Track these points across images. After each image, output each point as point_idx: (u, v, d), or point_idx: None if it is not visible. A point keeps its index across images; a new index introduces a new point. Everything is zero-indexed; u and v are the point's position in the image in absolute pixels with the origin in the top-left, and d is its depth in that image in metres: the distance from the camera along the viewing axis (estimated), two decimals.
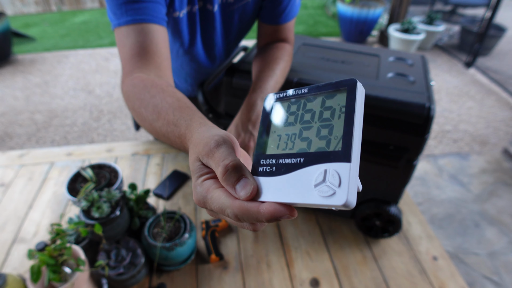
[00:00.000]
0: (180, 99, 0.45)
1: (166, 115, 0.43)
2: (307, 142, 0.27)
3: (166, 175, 1.09)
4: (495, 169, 2.34)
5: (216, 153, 0.29)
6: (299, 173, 0.26)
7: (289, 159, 0.27)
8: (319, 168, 0.24)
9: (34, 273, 0.62)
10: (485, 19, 3.44)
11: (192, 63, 0.89)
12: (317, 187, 0.24)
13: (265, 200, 0.26)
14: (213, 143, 0.30)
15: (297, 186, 0.25)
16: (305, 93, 0.29)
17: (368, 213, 0.87)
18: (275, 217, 0.25)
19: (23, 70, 3.47)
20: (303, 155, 0.26)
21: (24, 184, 1.06)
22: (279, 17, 0.78)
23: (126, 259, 0.73)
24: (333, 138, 0.26)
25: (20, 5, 5.02)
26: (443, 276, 0.83)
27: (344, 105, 0.26)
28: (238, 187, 0.27)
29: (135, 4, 0.58)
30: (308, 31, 4.51)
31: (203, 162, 0.31)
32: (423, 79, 0.81)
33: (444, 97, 3.15)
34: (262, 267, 0.84)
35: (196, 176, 0.31)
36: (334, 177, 0.23)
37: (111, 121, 2.76)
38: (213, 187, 0.29)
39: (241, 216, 0.26)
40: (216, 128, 0.34)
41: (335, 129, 0.26)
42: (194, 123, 0.37)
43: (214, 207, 0.28)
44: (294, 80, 0.76)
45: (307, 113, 0.29)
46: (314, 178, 0.24)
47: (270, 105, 0.32)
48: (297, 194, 0.25)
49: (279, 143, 0.29)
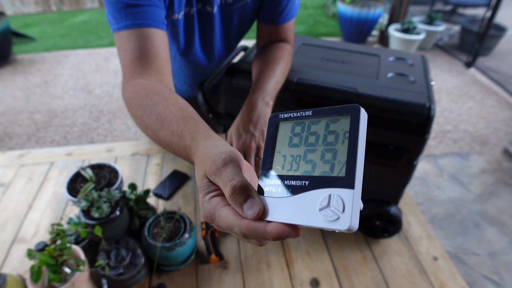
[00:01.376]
0: (184, 108, 0.45)
1: (170, 125, 0.43)
2: (311, 164, 0.28)
3: (166, 175, 1.09)
4: (495, 169, 2.34)
5: (224, 172, 0.30)
6: (304, 196, 0.27)
7: (294, 181, 0.28)
8: (324, 192, 0.26)
9: (34, 273, 0.62)
10: (485, 19, 3.44)
11: (190, 65, 0.89)
12: (322, 211, 0.25)
13: (272, 220, 0.27)
14: (220, 162, 0.31)
15: (302, 209, 0.26)
16: (310, 115, 0.30)
17: (368, 213, 0.87)
18: (282, 237, 0.26)
19: (23, 70, 3.47)
20: (308, 178, 0.27)
21: (24, 184, 1.06)
22: (278, 17, 0.78)
23: (126, 259, 0.73)
24: (337, 163, 0.26)
25: (20, 5, 5.02)
26: (443, 276, 0.83)
27: (348, 131, 0.27)
28: (245, 207, 0.28)
29: (134, 8, 0.58)
30: (308, 31, 4.51)
31: (211, 179, 0.32)
32: (423, 79, 0.80)
33: (444, 97, 3.15)
34: (262, 267, 0.84)
35: (204, 193, 0.32)
36: (338, 203, 0.24)
37: (111, 121, 2.76)
38: (221, 205, 0.30)
39: (248, 235, 0.28)
40: (222, 141, 0.35)
41: (339, 153, 0.27)
42: (199, 135, 0.38)
43: (222, 225, 0.29)
44: (294, 80, 0.76)
45: (311, 135, 0.30)
46: (319, 202, 0.25)
47: (274, 124, 0.33)
48: (302, 216, 0.26)
49: (284, 163, 0.30)
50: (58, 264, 0.64)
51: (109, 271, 0.71)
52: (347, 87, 0.74)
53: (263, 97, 0.66)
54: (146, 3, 0.59)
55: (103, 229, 0.73)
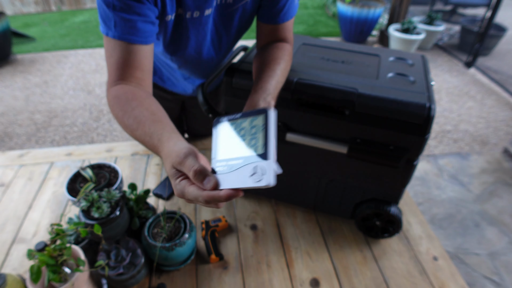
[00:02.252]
0: (155, 113, 0.57)
1: (143, 127, 0.54)
2: (243, 149, 0.41)
3: (165, 175, 1.09)
4: (495, 169, 2.34)
5: (186, 162, 0.43)
6: (240, 169, 0.40)
7: (233, 161, 0.41)
8: (252, 165, 0.39)
9: (34, 273, 0.62)
10: (485, 19, 3.43)
11: (188, 64, 0.90)
12: (251, 177, 0.38)
13: (222, 188, 0.40)
14: (182, 155, 0.44)
15: (240, 178, 0.39)
16: (239, 117, 0.44)
17: (368, 213, 0.87)
18: (230, 198, 0.39)
19: (22, 70, 3.47)
20: (241, 158, 0.41)
21: (24, 184, 1.06)
22: (277, 16, 0.78)
23: (126, 259, 0.73)
24: (258, 145, 0.40)
25: (20, 5, 5.02)
26: (443, 277, 0.83)
27: (263, 124, 0.41)
28: (205, 183, 0.41)
29: (123, 20, 0.61)
30: (308, 31, 4.51)
31: (177, 168, 0.45)
32: (423, 79, 0.80)
33: (444, 97, 3.15)
34: (262, 268, 0.84)
35: (174, 179, 0.45)
36: (261, 169, 0.38)
37: (111, 121, 2.76)
38: (188, 185, 0.43)
39: (208, 201, 0.40)
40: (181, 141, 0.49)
41: (259, 139, 0.40)
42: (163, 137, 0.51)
43: (190, 197, 0.42)
44: (294, 80, 0.76)
45: (241, 130, 0.43)
46: (249, 171, 0.38)
47: (217, 125, 0.47)
48: (240, 182, 0.39)
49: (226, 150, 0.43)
50: (58, 264, 0.64)
51: (109, 271, 0.71)
52: (347, 87, 0.74)
53: (264, 97, 0.66)
54: (135, 19, 0.62)
55: (103, 229, 0.73)
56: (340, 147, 0.77)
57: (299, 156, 0.86)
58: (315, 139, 0.79)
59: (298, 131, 0.81)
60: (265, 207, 1.01)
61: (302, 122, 0.79)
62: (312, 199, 0.95)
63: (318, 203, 0.95)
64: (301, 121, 0.79)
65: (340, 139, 0.78)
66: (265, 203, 1.02)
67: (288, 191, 0.97)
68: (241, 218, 0.97)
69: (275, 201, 1.03)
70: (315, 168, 0.87)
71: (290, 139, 0.81)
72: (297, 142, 0.81)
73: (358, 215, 0.89)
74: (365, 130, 0.74)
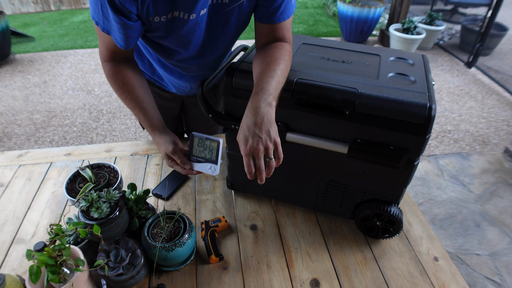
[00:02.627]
0: (144, 101, 0.85)
1: (136, 111, 0.85)
2: (206, 154, 0.81)
3: (165, 175, 1.09)
4: (496, 169, 2.34)
5: (176, 154, 0.82)
6: (204, 164, 0.82)
7: (201, 158, 0.82)
8: (210, 164, 0.81)
9: (33, 273, 0.61)
10: (486, 19, 3.43)
11: (185, 64, 0.89)
12: (209, 169, 0.81)
13: (194, 169, 0.83)
14: (171, 149, 0.82)
15: (203, 168, 0.82)
16: (205, 138, 0.80)
17: (368, 214, 0.86)
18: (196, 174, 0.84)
19: (22, 70, 3.47)
20: (204, 158, 0.81)
21: (23, 184, 1.06)
22: (274, 16, 0.77)
23: (126, 260, 0.73)
24: (213, 155, 0.80)
25: (19, 5, 5.02)
26: (444, 277, 0.83)
27: (216, 147, 0.80)
28: (185, 166, 0.82)
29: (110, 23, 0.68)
30: (308, 31, 4.50)
31: (169, 155, 0.83)
32: (424, 79, 0.80)
33: (445, 97, 3.15)
34: (262, 268, 0.84)
35: (166, 159, 0.85)
36: (213, 167, 0.81)
37: (110, 121, 2.76)
38: (175, 164, 0.84)
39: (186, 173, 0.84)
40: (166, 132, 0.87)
41: (213, 152, 0.80)
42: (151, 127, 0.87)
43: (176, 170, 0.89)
44: (294, 80, 0.76)
45: (205, 145, 0.81)
46: (208, 167, 0.81)
47: (193, 137, 0.81)
48: (204, 169, 0.82)
49: (198, 151, 0.82)
50: (57, 265, 0.64)
51: (108, 271, 0.70)
52: (348, 87, 0.73)
53: (265, 98, 0.66)
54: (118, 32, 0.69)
55: (103, 229, 0.72)
56: (341, 147, 0.77)
57: (299, 156, 0.85)
58: (315, 139, 0.79)
59: (298, 131, 0.81)
60: (265, 207, 1.00)
61: (302, 122, 0.79)
62: (312, 199, 0.95)
63: (318, 203, 0.95)
64: (301, 121, 0.79)
65: (340, 139, 0.77)
66: (265, 203, 1.02)
67: (288, 191, 0.97)
68: (241, 218, 0.97)
69: (275, 201, 1.02)
70: (315, 168, 0.87)
71: (290, 139, 0.81)
72: (297, 142, 0.81)
73: (359, 215, 0.88)
74: (366, 130, 0.74)
